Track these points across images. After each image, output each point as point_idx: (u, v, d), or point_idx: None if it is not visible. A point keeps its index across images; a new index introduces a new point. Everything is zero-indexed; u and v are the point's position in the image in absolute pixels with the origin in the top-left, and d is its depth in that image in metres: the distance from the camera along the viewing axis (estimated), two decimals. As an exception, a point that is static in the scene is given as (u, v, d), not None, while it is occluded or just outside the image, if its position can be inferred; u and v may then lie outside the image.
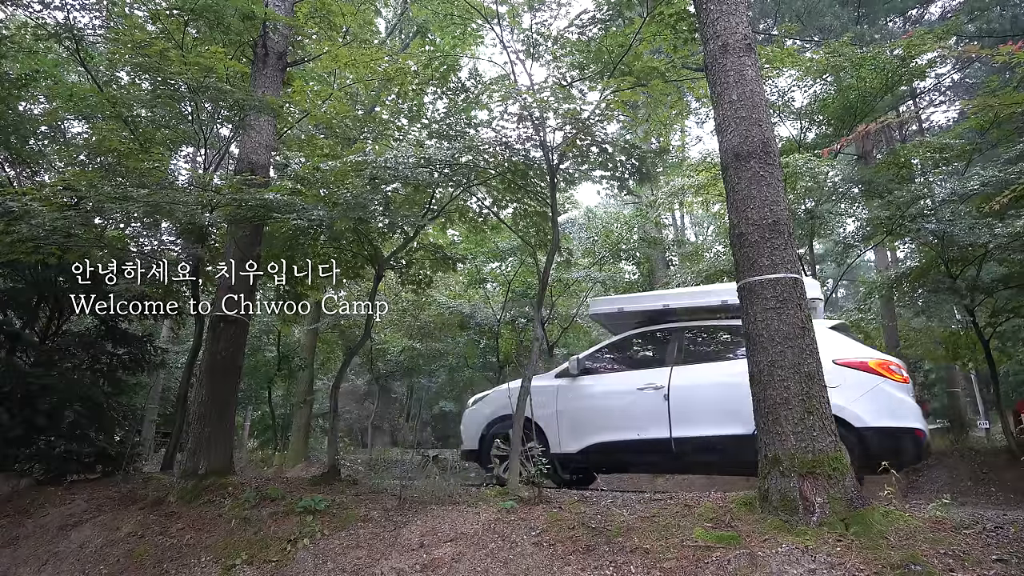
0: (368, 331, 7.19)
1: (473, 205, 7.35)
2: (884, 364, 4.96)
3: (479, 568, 3.76)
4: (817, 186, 9.54)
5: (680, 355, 5.53)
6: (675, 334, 5.69)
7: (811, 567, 3.07)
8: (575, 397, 5.72)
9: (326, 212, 5.54)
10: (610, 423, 5.48)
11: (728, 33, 4.34)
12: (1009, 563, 2.95)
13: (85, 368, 7.45)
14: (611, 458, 5.62)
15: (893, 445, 4.70)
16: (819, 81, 10.87)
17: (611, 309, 6.36)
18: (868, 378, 4.85)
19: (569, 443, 5.55)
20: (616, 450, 5.46)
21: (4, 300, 7.21)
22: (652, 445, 5.27)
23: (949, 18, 12.36)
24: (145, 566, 4.62)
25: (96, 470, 6.85)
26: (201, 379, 6.42)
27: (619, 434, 5.40)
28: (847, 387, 4.73)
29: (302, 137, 8.57)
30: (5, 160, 8.92)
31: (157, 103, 6.88)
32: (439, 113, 7.90)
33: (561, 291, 13.61)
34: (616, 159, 6.20)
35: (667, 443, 5.16)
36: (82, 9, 7.83)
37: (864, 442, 4.61)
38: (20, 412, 6.43)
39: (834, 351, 4.88)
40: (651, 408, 5.30)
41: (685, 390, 5.27)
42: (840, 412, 4.47)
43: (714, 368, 5.36)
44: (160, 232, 8.01)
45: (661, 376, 5.37)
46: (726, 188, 4.31)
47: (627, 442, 5.35)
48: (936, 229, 8.23)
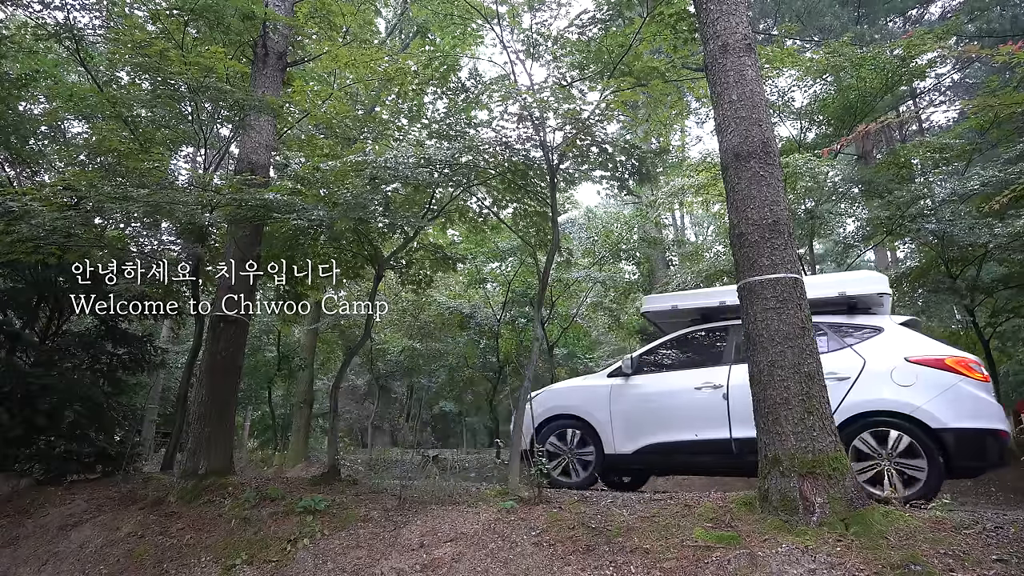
0: (368, 331, 7.19)
1: (473, 205, 7.36)
2: (962, 362, 4.70)
3: (479, 568, 3.76)
4: (817, 186, 9.54)
5: (739, 353, 5.27)
6: (733, 331, 5.46)
7: (811, 567, 3.08)
8: (629, 397, 5.60)
9: (326, 212, 5.54)
10: (666, 423, 5.35)
11: (728, 33, 4.34)
12: (1009, 563, 2.95)
13: (85, 368, 7.45)
14: (668, 459, 5.49)
15: (974, 447, 4.47)
16: (819, 81, 10.87)
17: (664, 307, 6.21)
18: (945, 376, 4.61)
19: (624, 444, 5.44)
20: (673, 451, 5.31)
21: (4, 300, 7.21)
22: (710, 446, 5.11)
23: (949, 18, 12.37)
24: (145, 566, 4.62)
25: (96, 470, 6.85)
26: (201, 379, 6.42)
27: (676, 435, 5.26)
28: (922, 386, 4.54)
29: (302, 137, 8.57)
30: (5, 160, 8.93)
31: (157, 103, 6.88)
32: (439, 113, 7.90)
33: (561, 291, 13.61)
34: (616, 159, 6.20)
35: (727, 444, 4.99)
36: (82, 9, 7.84)
37: (942, 444, 4.39)
38: (20, 412, 6.43)
39: (906, 348, 4.78)
40: (709, 408, 5.16)
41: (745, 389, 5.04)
42: (915, 412, 4.41)
43: None
44: (160, 232, 8.02)
45: (719, 375, 5.24)
46: (726, 188, 4.31)
47: (684, 443, 5.20)
48: (936, 229, 8.24)
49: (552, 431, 5.79)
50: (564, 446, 5.72)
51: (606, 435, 5.52)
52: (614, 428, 5.50)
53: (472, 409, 21.33)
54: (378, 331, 15.86)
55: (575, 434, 5.68)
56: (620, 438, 5.46)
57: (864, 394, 4.64)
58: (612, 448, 5.47)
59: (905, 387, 4.53)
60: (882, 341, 4.95)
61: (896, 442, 4.42)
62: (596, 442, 5.55)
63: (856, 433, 4.51)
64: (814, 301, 5.33)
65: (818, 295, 5.18)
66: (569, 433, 5.71)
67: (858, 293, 5.22)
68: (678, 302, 6.18)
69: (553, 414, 5.86)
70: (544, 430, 5.82)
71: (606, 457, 5.48)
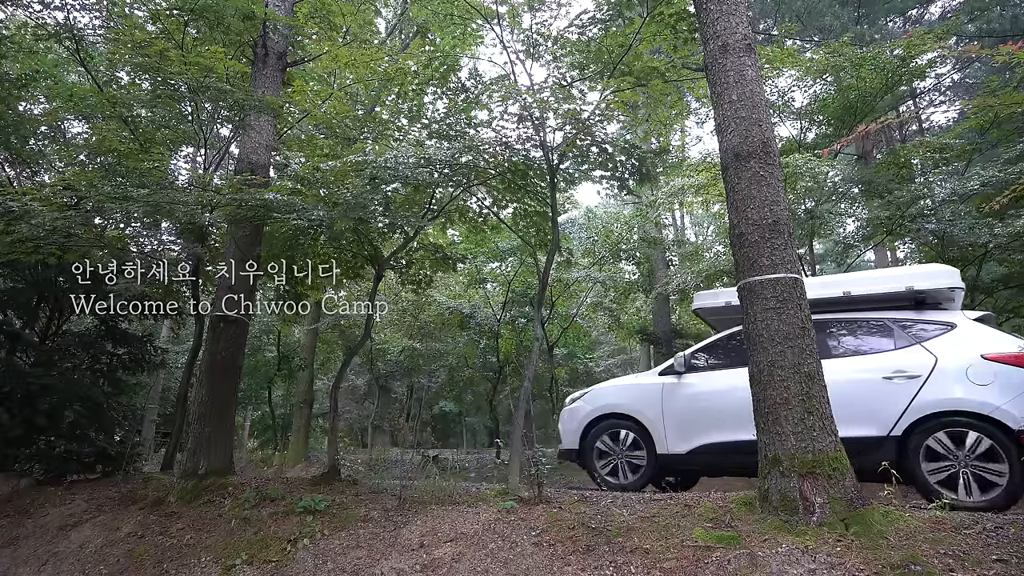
0: (368, 331, 7.20)
1: (473, 205, 7.36)
2: None
3: (479, 568, 3.76)
4: (817, 186, 9.54)
5: None
6: None
7: (811, 567, 3.07)
8: (683, 396, 5.44)
9: (326, 212, 5.54)
10: (722, 423, 5.15)
11: (728, 33, 4.34)
12: (1009, 563, 2.95)
13: (85, 368, 7.46)
14: (723, 460, 5.29)
15: None
16: (819, 81, 10.87)
17: (717, 303, 5.97)
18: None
19: (677, 444, 5.28)
20: (728, 451, 5.11)
21: (4, 300, 7.21)
22: None
23: (949, 18, 12.37)
24: (145, 566, 4.62)
25: (96, 470, 6.85)
26: (201, 379, 6.43)
27: (732, 435, 5.02)
28: (1001, 385, 4.28)
29: (302, 137, 8.58)
30: (5, 160, 8.93)
31: (157, 103, 6.88)
32: (439, 113, 7.90)
33: (561, 291, 13.61)
34: (616, 159, 6.21)
35: None
36: (82, 9, 7.84)
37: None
38: (20, 412, 6.43)
39: (982, 345, 4.53)
40: None
41: None
42: (993, 413, 4.18)
43: (838, 364, 4.87)
44: (160, 232, 8.02)
45: None
46: (726, 188, 4.31)
47: (740, 443, 4.89)
48: (936, 229, 8.25)
49: (602, 431, 5.66)
50: (615, 446, 5.57)
51: (658, 435, 5.38)
52: (666, 428, 5.35)
53: (472, 409, 21.34)
54: (378, 331, 15.87)
55: (627, 434, 5.53)
56: (673, 438, 5.31)
57: (937, 393, 4.42)
58: (665, 448, 5.32)
59: (982, 386, 4.31)
60: (955, 337, 4.70)
61: (975, 444, 4.18)
62: (648, 442, 5.42)
63: (929, 433, 4.33)
64: (879, 297, 5.16)
65: (883, 290, 5.08)
66: (622, 434, 5.56)
67: (927, 287, 4.97)
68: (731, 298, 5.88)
69: (601, 414, 5.72)
70: (593, 430, 5.69)
71: (658, 457, 5.34)
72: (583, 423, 5.77)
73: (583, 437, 5.74)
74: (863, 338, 5.18)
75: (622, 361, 22.37)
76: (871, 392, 4.60)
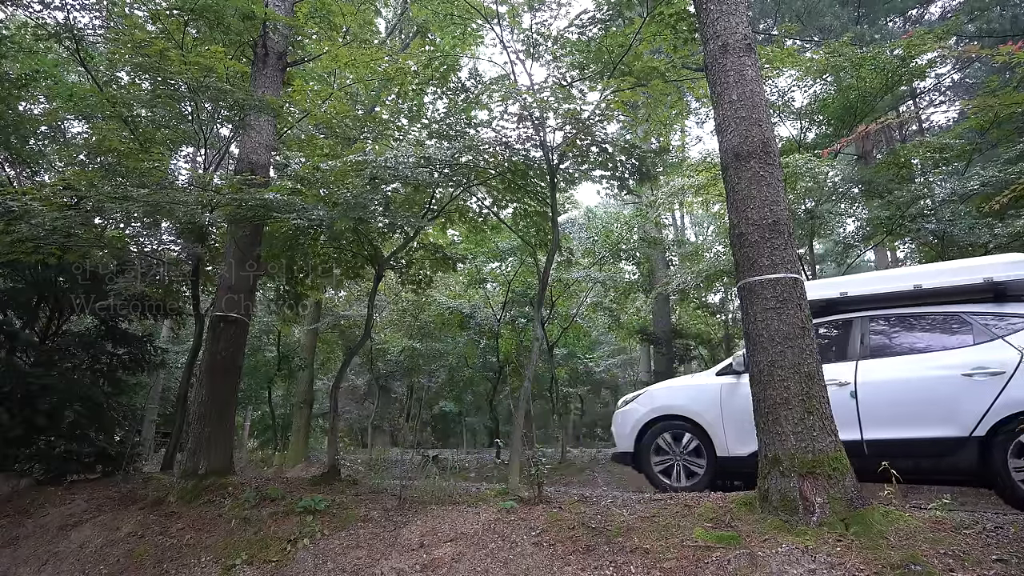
0: (368, 331, 7.20)
1: (473, 205, 7.36)
2: None
3: (479, 568, 3.76)
4: (817, 186, 9.54)
5: (867, 347, 4.95)
6: (858, 324, 5.11)
7: (811, 567, 3.07)
8: (744, 396, 5.02)
9: (326, 212, 5.55)
10: None
11: (728, 33, 4.35)
12: (1009, 563, 2.95)
13: (85, 368, 7.46)
14: None
15: None
16: (819, 81, 10.87)
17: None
18: None
19: (738, 446, 5.03)
20: None
21: (4, 300, 7.21)
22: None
23: (949, 18, 12.37)
24: (145, 566, 4.62)
25: (96, 470, 6.86)
26: (201, 379, 6.43)
27: None
28: None
29: (302, 137, 8.58)
30: (5, 160, 8.93)
31: (157, 103, 6.89)
32: (439, 113, 7.91)
33: (561, 291, 13.60)
34: (616, 159, 6.21)
35: (857, 446, 4.53)
36: (82, 9, 7.84)
37: None
38: (20, 412, 6.44)
39: None
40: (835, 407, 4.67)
41: (877, 387, 4.69)
42: None
43: (913, 362, 4.71)
44: (160, 232, 8.02)
45: (845, 371, 4.85)
46: (726, 188, 4.31)
47: None
48: (936, 229, 8.25)
49: (658, 433, 5.50)
50: (673, 448, 5.40)
51: (718, 437, 5.19)
52: (726, 429, 5.15)
53: (472, 409, 21.34)
54: (378, 331, 15.87)
55: (686, 436, 5.35)
56: (733, 440, 5.08)
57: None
58: (725, 451, 5.11)
59: None
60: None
61: None
62: (707, 444, 5.23)
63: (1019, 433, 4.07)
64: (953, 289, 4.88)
65: (958, 282, 4.83)
66: (685, 437, 5.38)
67: (1007, 278, 4.69)
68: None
69: (657, 415, 5.54)
70: (648, 433, 5.52)
71: (718, 460, 5.15)
72: (637, 426, 5.58)
73: (638, 440, 5.55)
74: (937, 333, 4.90)
75: (622, 361, 22.38)
76: (948, 390, 4.37)
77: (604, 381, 19.72)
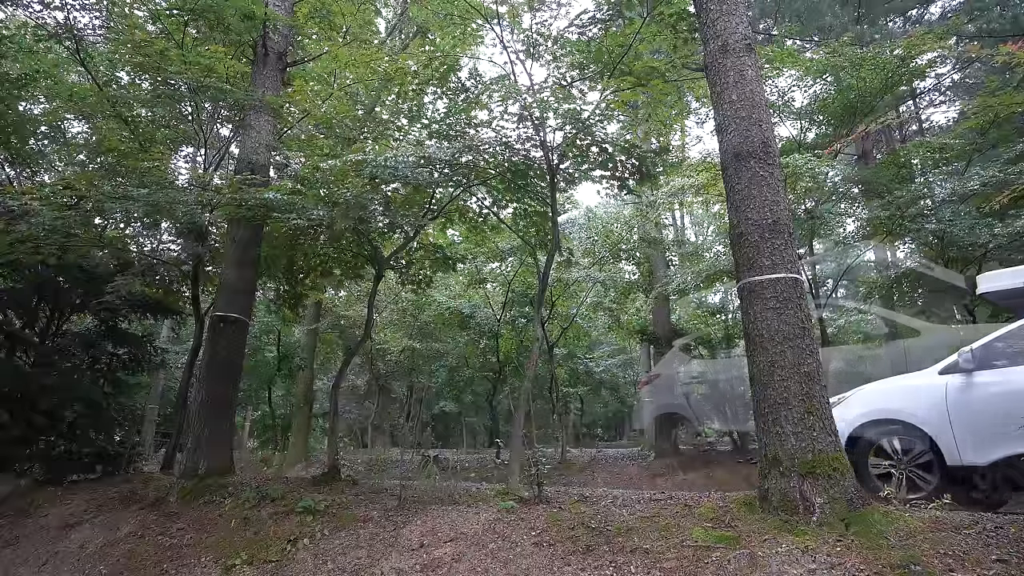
0: (368, 331, 7.20)
1: (473, 205, 7.35)
2: None
3: (479, 568, 3.76)
4: (817, 186, 9.53)
5: None
6: None
7: (811, 567, 3.07)
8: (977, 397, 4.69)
9: (326, 212, 5.55)
10: None
11: (728, 33, 4.35)
12: (1009, 563, 2.94)
13: (85, 368, 7.46)
14: None
15: None
16: (819, 81, 10.86)
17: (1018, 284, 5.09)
18: None
19: (974, 454, 4.55)
20: None
21: (4, 300, 7.21)
22: None
23: (949, 18, 12.36)
24: (145, 566, 4.62)
25: (96, 470, 6.85)
26: (201, 379, 6.43)
27: None
28: None
29: (302, 137, 8.58)
30: (5, 160, 8.93)
31: (157, 103, 6.90)
32: (439, 113, 7.89)
33: (561, 291, 13.60)
34: (616, 159, 6.20)
35: None
36: (82, 9, 7.83)
37: None
38: (20, 412, 6.43)
39: None
40: None
41: None
42: None
43: None
44: (160, 232, 8.03)
45: None
46: (726, 188, 4.31)
47: None
48: (936, 229, 8.24)
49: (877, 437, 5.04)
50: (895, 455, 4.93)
51: (946, 443, 4.67)
52: (956, 435, 4.64)
53: (472, 409, 21.32)
54: (378, 331, 15.86)
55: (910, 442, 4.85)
56: (968, 447, 4.58)
57: None
58: (958, 459, 4.59)
59: None
60: None
61: None
62: (935, 451, 4.73)
63: None
64: None
65: None
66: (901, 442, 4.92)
67: None
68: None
69: (872, 419, 5.05)
70: (862, 439, 5.04)
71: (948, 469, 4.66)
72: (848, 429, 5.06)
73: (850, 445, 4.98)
74: None
75: (622, 361, 22.36)
76: None
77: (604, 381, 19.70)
